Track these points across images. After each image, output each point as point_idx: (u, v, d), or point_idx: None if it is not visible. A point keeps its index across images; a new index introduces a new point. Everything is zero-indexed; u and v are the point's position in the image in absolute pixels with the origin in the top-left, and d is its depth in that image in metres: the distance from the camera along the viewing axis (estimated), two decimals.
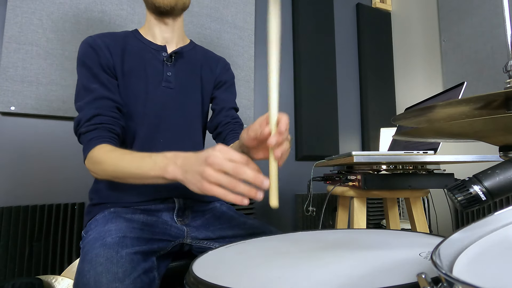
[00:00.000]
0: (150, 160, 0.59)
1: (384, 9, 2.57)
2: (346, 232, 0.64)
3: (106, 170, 0.66)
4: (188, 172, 0.52)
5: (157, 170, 0.57)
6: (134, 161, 0.62)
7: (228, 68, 0.99)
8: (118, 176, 0.65)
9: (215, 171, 0.48)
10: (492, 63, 1.74)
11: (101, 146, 0.68)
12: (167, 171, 0.55)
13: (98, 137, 0.70)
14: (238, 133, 0.92)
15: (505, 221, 0.35)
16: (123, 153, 0.65)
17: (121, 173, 0.63)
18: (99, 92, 0.74)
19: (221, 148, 0.50)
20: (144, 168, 0.59)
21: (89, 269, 0.57)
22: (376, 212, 2.20)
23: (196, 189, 0.51)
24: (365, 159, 0.91)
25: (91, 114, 0.72)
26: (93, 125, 0.71)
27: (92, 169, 0.69)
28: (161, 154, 0.59)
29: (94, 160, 0.68)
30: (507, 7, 0.64)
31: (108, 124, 0.73)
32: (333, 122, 2.23)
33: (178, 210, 0.80)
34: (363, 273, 0.38)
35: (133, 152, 0.64)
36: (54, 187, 1.45)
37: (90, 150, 0.69)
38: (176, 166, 0.55)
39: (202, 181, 0.49)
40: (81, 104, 0.74)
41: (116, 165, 0.64)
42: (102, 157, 0.66)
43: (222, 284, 0.36)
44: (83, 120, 0.71)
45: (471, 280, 0.23)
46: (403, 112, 0.54)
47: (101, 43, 0.78)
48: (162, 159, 0.58)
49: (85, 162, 0.70)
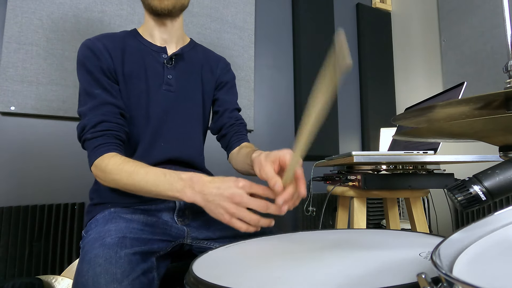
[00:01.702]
0: (164, 179, 0.61)
1: (384, 9, 2.57)
2: (346, 232, 0.64)
3: (118, 182, 0.66)
4: (210, 202, 0.56)
5: (175, 192, 0.59)
6: (149, 177, 0.62)
7: (228, 68, 0.99)
8: (130, 189, 0.65)
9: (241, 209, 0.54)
10: (492, 63, 1.74)
11: (110, 154, 0.68)
12: (185, 194, 0.58)
13: (105, 144, 0.69)
14: (243, 134, 0.93)
15: (505, 221, 0.35)
16: (135, 165, 0.65)
17: (135, 187, 0.64)
18: (102, 98, 0.74)
19: (244, 184, 0.55)
20: (160, 187, 0.61)
21: (88, 270, 0.57)
22: (376, 212, 2.20)
23: (217, 218, 0.57)
24: (365, 159, 0.91)
25: (97, 120, 0.71)
26: (99, 132, 0.70)
27: (100, 177, 0.69)
28: (175, 174, 0.61)
29: (103, 169, 0.67)
30: (507, 7, 0.64)
31: (114, 130, 0.72)
32: (333, 122, 2.23)
33: (179, 210, 0.79)
34: (363, 273, 0.38)
35: (145, 166, 0.65)
36: (54, 187, 1.45)
37: (98, 157, 0.68)
38: (194, 191, 0.58)
39: (226, 215, 0.55)
40: (84, 110, 0.73)
41: (129, 178, 0.64)
42: (113, 168, 0.66)
43: (222, 284, 0.36)
44: (88, 126, 0.71)
45: (471, 280, 0.23)
46: (403, 112, 0.54)
47: (101, 46, 0.77)
48: (178, 181, 0.60)
49: (91, 168, 0.70)
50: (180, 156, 0.83)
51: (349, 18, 2.49)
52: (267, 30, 2.13)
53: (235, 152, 0.89)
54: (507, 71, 0.54)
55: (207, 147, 0.95)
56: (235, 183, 0.55)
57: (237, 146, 0.90)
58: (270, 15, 2.16)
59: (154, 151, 0.80)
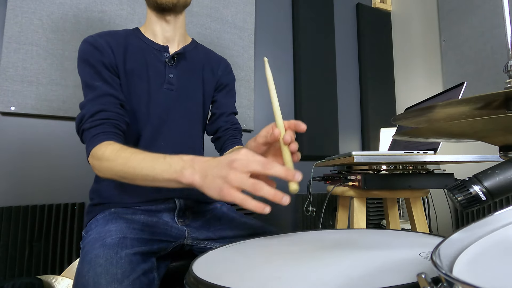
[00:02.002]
0: (164, 161, 0.56)
1: (384, 9, 2.57)
2: (346, 232, 0.64)
3: (113, 168, 0.62)
4: (208, 176, 0.50)
5: (172, 172, 0.54)
6: (146, 161, 0.58)
7: (229, 70, 0.98)
8: (127, 177, 0.61)
9: (239, 173, 0.47)
10: (492, 63, 1.74)
11: (108, 143, 0.65)
12: (183, 174, 0.52)
13: (103, 132, 0.67)
14: (237, 138, 0.93)
15: (505, 221, 0.35)
16: (133, 152, 0.61)
17: (131, 173, 0.59)
18: (102, 89, 0.72)
19: (246, 152, 0.50)
20: (157, 169, 0.55)
21: (88, 270, 0.57)
22: (376, 212, 2.20)
23: (215, 194, 0.49)
24: (365, 159, 0.91)
25: (95, 109, 0.69)
26: (98, 121, 0.68)
27: (96, 166, 0.66)
28: (177, 156, 0.56)
29: (99, 157, 0.64)
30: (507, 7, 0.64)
31: (114, 119, 0.70)
32: (333, 122, 2.23)
33: (179, 210, 0.80)
34: (363, 273, 0.38)
35: (144, 152, 0.60)
36: (54, 187, 1.45)
37: (95, 146, 0.65)
38: (194, 170, 0.52)
39: (224, 185, 0.47)
40: (83, 102, 0.72)
41: (126, 164, 0.60)
42: (110, 155, 0.62)
43: (222, 284, 0.36)
44: (87, 115, 0.69)
45: (471, 280, 0.23)
46: (403, 112, 0.54)
47: (103, 42, 0.77)
48: (178, 161, 0.54)
49: (89, 159, 0.67)
50: None
51: (349, 18, 2.49)
52: (267, 30, 2.13)
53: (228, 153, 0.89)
54: (507, 71, 0.54)
55: (207, 147, 0.95)
56: (235, 152, 0.50)
57: (230, 149, 0.90)
58: (270, 15, 2.16)
59: (154, 149, 0.80)
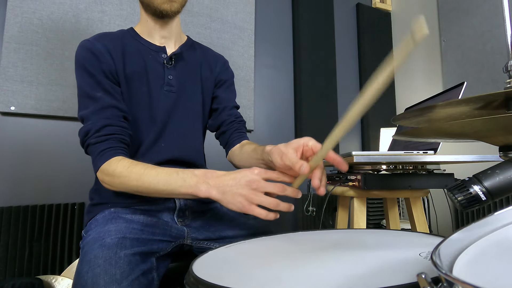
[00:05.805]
0: (177, 177, 0.61)
1: (384, 9, 2.57)
2: (346, 232, 0.64)
3: (127, 184, 0.64)
4: (227, 193, 0.57)
5: (188, 187, 0.59)
6: (160, 177, 0.62)
7: (227, 66, 0.98)
8: (141, 191, 0.65)
9: (260, 193, 0.55)
10: (492, 63, 1.74)
11: (117, 158, 0.67)
12: (199, 189, 0.58)
13: (110, 148, 0.68)
14: (243, 132, 0.92)
15: (505, 221, 0.35)
16: (145, 167, 0.64)
17: (146, 188, 0.63)
18: (105, 101, 0.72)
19: (259, 171, 0.57)
20: (172, 185, 0.61)
21: (87, 270, 0.57)
22: (376, 212, 2.20)
23: (235, 208, 0.56)
24: (365, 159, 0.91)
25: (101, 124, 0.70)
26: (104, 136, 0.69)
27: (107, 181, 0.68)
28: (188, 171, 0.61)
29: (111, 173, 0.66)
30: (507, 7, 0.64)
31: (119, 134, 0.71)
32: (333, 122, 2.22)
33: (179, 210, 0.79)
34: (363, 273, 0.38)
35: (155, 167, 0.64)
36: (54, 187, 1.45)
37: (104, 162, 0.67)
38: (209, 185, 0.58)
39: (245, 202, 0.55)
40: (86, 113, 0.71)
41: (140, 180, 0.63)
42: (122, 171, 0.65)
43: (222, 284, 0.36)
44: (92, 130, 0.69)
45: (471, 280, 0.23)
46: (403, 112, 0.54)
47: (101, 47, 0.76)
48: (192, 176, 0.60)
49: (98, 174, 0.69)
50: (181, 156, 0.83)
51: (349, 18, 2.49)
52: (267, 30, 2.13)
53: (237, 149, 0.88)
54: (507, 71, 0.54)
55: (207, 146, 0.95)
56: (250, 171, 0.57)
57: (238, 143, 0.89)
58: (270, 15, 2.16)
59: (155, 151, 0.80)
